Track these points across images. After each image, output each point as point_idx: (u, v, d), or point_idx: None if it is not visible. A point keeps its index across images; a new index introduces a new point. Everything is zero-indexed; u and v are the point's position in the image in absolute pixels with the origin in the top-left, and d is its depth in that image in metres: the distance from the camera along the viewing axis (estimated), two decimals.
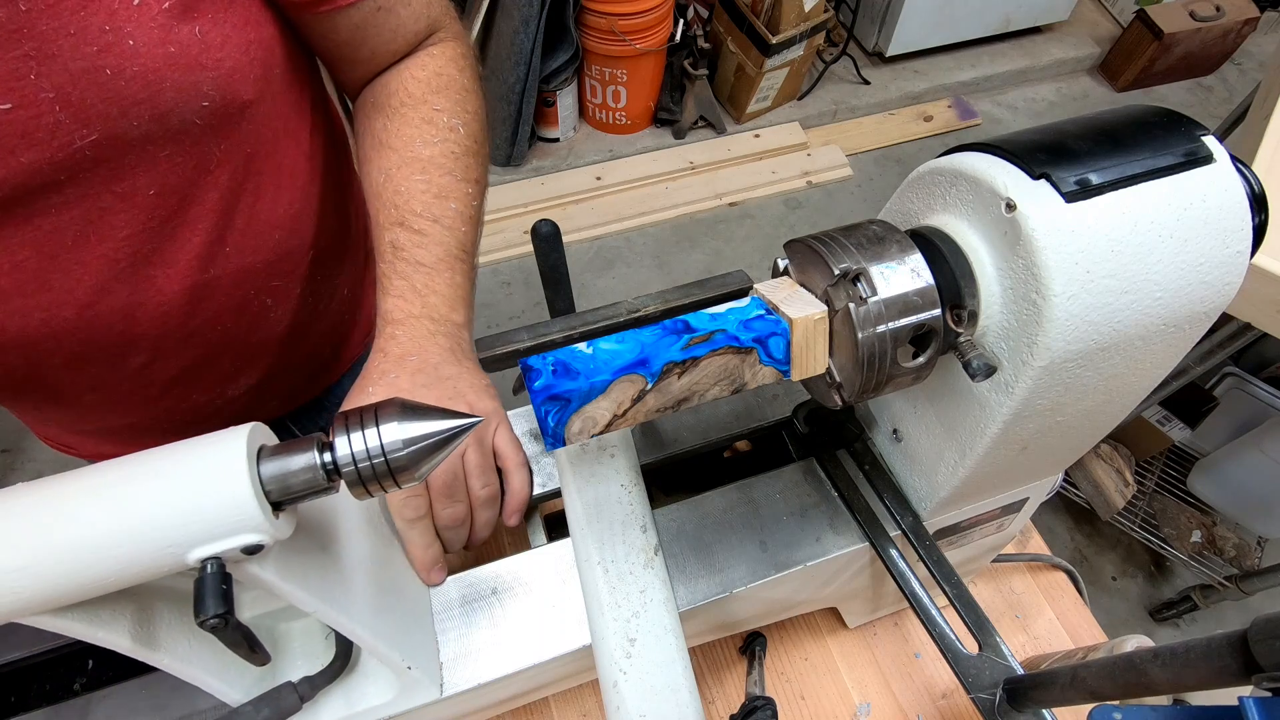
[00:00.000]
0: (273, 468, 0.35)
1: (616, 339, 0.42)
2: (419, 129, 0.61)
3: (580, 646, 0.55)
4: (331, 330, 0.79)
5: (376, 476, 0.36)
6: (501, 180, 2.50)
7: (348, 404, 0.55)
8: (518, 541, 0.77)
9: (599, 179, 2.54)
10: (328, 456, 0.36)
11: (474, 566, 0.59)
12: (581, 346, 0.42)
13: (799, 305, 0.43)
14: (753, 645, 0.75)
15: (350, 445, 0.35)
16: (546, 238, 0.48)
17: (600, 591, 0.51)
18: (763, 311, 0.43)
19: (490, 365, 0.40)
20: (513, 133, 2.39)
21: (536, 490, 0.63)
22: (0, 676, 0.57)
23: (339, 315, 0.79)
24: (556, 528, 0.64)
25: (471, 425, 0.38)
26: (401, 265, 0.58)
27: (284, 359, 0.73)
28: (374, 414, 0.36)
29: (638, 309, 0.42)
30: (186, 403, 0.68)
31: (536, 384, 0.41)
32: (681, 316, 0.43)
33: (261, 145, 0.58)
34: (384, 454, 0.35)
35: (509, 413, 0.63)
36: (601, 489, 0.55)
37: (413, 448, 0.36)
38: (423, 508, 0.53)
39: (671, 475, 0.69)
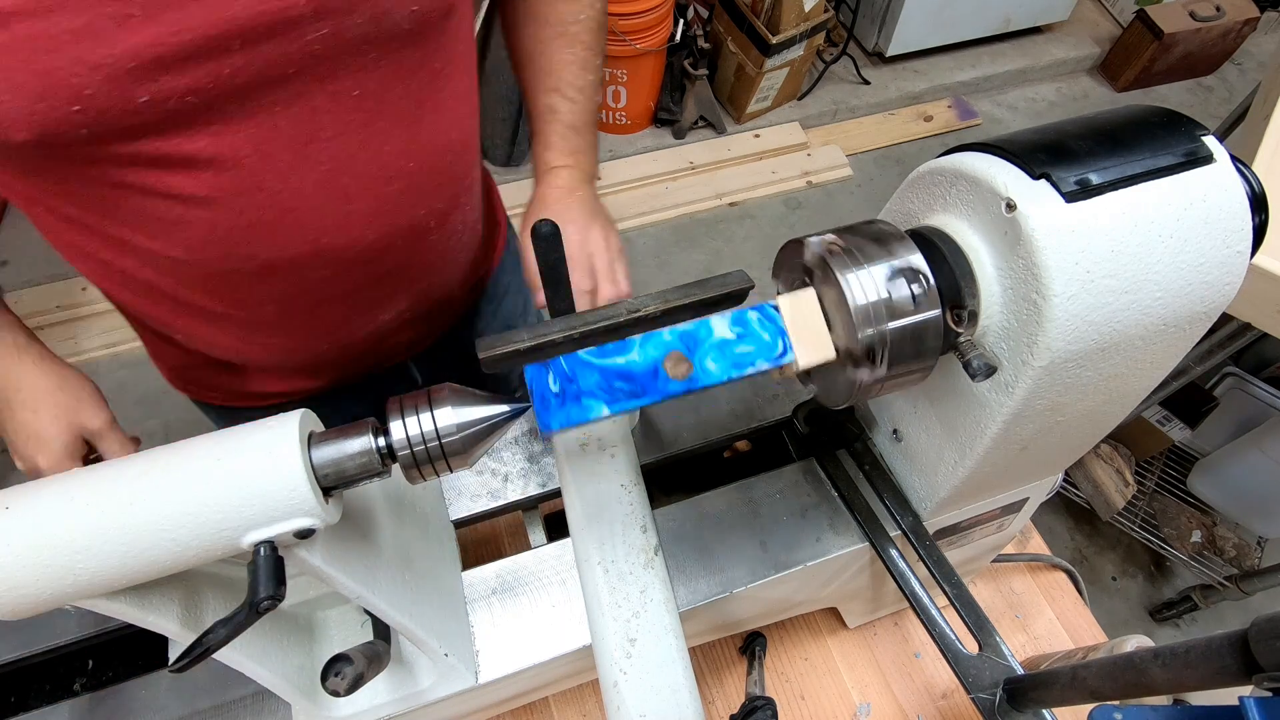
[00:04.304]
0: (328, 452, 0.36)
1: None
2: (568, 5, 0.71)
3: (580, 646, 0.55)
4: (464, 266, 0.80)
5: (430, 459, 0.37)
6: (502, 180, 2.47)
7: (523, 230, 0.63)
8: (518, 541, 0.77)
9: (599, 179, 2.54)
10: (383, 440, 0.37)
11: (474, 567, 0.59)
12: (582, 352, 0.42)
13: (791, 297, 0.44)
14: (753, 645, 0.75)
15: (405, 429, 0.36)
16: (546, 238, 0.48)
17: (600, 591, 0.51)
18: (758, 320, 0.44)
19: (490, 365, 0.40)
20: (513, 133, 2.39)
21: (536, 490, 0.63)
22: (0, 676, 0.57)
23: (469, 252, 0.80)
24: (556, 528, 0.64)
25: (521, 411, 0.39)
26: (558, 126, 0.73)
27: (428, 292, 0.73)
28: (427, 399, 0.37)
29: (638, 309, 0.42)
30: (345, 327, 0.68)
31: (536, 387, 0.41)
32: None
33: (447, 63, 0.60)
34: (439, 437, 0.37)
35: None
36: (601, 489, 0.55)
37: (466, 432, 0.37)
38: None
39: (671, 475, 0.69)
